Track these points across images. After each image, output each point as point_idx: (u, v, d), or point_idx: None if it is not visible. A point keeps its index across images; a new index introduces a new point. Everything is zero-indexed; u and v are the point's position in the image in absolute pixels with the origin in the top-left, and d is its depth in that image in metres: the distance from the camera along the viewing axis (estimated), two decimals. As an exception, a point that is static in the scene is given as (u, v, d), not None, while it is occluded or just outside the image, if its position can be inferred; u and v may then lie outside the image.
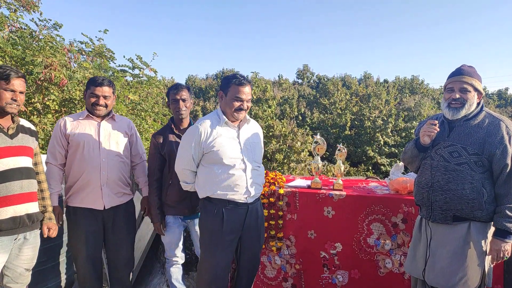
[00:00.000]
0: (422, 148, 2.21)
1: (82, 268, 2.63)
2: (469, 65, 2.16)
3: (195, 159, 2.31)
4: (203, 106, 25.94)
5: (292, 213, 2.91)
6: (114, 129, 2.67)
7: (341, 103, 27.68)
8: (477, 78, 2.09)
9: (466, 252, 2.02)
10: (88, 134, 2.58)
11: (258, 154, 2.44)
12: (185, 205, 2.66)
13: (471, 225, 2.03)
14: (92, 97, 2.57)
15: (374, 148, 24.52)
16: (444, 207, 2.07)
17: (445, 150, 2.09)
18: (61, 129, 2.57)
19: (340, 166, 2.98)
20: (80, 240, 2.59)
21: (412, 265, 2.25)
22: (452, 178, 2.04)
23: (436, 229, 2.13)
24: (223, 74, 41.39)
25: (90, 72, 5.16)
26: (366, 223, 2.73)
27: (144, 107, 6.20)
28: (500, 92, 46.46)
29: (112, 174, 2.60)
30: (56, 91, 4.87)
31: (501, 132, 1.99)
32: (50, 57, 4.72)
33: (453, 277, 2.03)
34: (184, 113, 2.70)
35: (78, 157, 2.55)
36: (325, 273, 2.86)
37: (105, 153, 2.58)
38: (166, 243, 2.74)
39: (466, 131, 2.06)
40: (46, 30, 5.43)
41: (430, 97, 32.68)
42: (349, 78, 34.36)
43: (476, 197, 2.00)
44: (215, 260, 2.32)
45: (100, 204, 2.58)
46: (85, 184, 2.55)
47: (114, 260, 2.73)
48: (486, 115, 2.08)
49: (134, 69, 6.34)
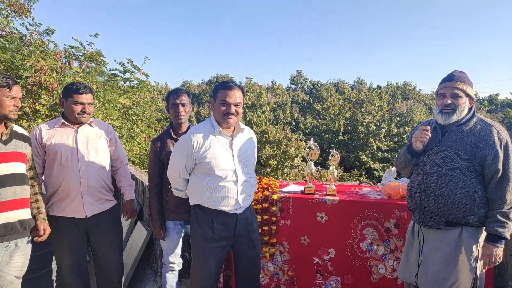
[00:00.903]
0: (415, 154, 2.21)
1: (67, 277, 2.60)
2: (461, 71, 2.16)
3: (188, 168, 2.28)
4: (197, 112, 25.90)
5: (285, 218, 2.88)
6: (92, 135, 2.64)
7: (334, 109, 27.84)
8: (468, 83, 2.11)
9: (458, 257, 2.02)
10: (65, 142, 2.53)
11: (251, 165, 2.41)
12: (184, 209, 2.64)
13: (463, 230, 2.03)
14: (76, 105, 2.53)
15: (367, 153, 24.65)
16: (436, 212, 2.07)
17: (438, 156, 2.10)
18: (37, 138, 2.52)
19: (333, 171, 2.97)
20: (64, 249, 2.55)
21: (405, 271, 2.25)
22: (445, 183, 2.05)
23: (428, 234, 2.13)
24: (217, 79, 41.43)
25: (81, 76, 5.11)
26: (359, 228, 2.72)
27: (136, 111, 6.16)
28: (491, 98, 47.15)
29: (92, 181, 2.57)
30: (46, 96, 4.82)
31: (493, 137, 2.00)
32: (40, 61, 4.67)
33: (445, 282, 2.03)
34: (183, 118, 2.69)
35: (57, 166, 2.51)
36: (318, 280, 2.84)
37: (83, 160, 2.55)
38: (165, 248, 2.73)
39: (458, 136, 2.07)
40: (37, 35, 5.38)
41: (422, 102, 33.04)
42: (342, 84, 34.61)
43: (468, 202, 2.00)
44: (205, 266, 2.29)
45: (81, 213, 2.55)
46: (65, 193, 2.51)
47: (102, 267, 2.69)
48: (478, 121, 2.09)
49: (126, 73, 6.31)
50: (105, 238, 2.65)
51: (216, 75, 42.01)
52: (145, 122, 6.46)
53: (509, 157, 1.99)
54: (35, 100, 4.84)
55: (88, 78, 5.43)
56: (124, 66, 6.24)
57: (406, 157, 2.25)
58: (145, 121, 6.45)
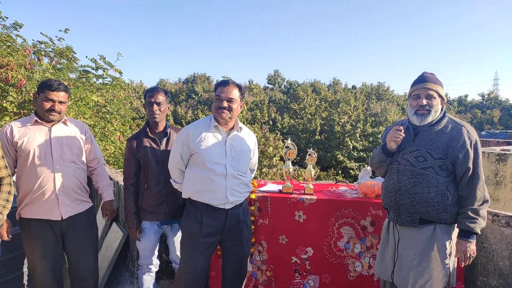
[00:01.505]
0: (389, 153, 2.26)
1: (40, 281, 2.48)
2: (430, 72, 2.22)
3: (184, 158, 2.35)
4: (174, 111, 25.54)
5: (264, 218, 2.88)
6: (66, 134, 2.53)
7: (311, 108, 28.19)
8: (439, 84, 2.16)
9: (431, 254, 2.08)
10: (39, 141, 2.41)
11: (244, 163, 2.43)
12: (161, 209, 2.61)
13: (437, 227, 2.09)
14: (46, 101, 2.42)
15: (343, 153, 25.12)
16: (411, 210, 2.12)
17: (411, 155, 2.15)
18: (7, 136, 2.38)
19: (310, 171, 2.99)
20: (38, 253, 2.43)
21: (381, 268, 2.30)
22: (418, 182, 2.10)
23: (403, 232, 2.18)
24: (194, 78, 41.04)
25: (51, 73, 4.91)
26: (336, 227, 2.75)
27: (110, 109, 5.99)
28: (460, 99, 49.11)
29: (67, 181, 2.47)
30: (14, 93, 4.60)
31: (463, 137, 2.06)
32: (6, 56, 4.45)
33: (420, 279, 2.08)
34: (158, 117, 2.64)
35: (29, 166, 2.39)
36: (296, 279, 2.85)
37: (58, 160, 2.44)
38: (141, 250, 2.67)
39: (431, 136, 2.13)
40: (3, 29, 5.13)
41: (395, 103, 34.00)
42: (319, 84, 35.09)
43: (441, 200, 2.06)
44: (192, 262, 2.32)
45: (57, 215, 2.44)
46: (39, 194, 2.40)
47: (77, 271, 2.59)
48: (449, 121, 2.16)
49: (98, 70, 6.11)
50: (80, 241, 2.55)
51: (193, 73, 41.59)
52: (119, 121, 6.28)
53: (478, 156, 2.07)
54: (2, 97, 4.61)
55: (59, 75, 5.22)
56: (96, 62, 6.03)
57: (380, 156, 2.30)
58: (120, 119, 6.28)
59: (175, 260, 2.77)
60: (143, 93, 2.78)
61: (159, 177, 2.56)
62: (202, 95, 32.66)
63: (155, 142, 2.62)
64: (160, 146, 2.62)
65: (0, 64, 4.35)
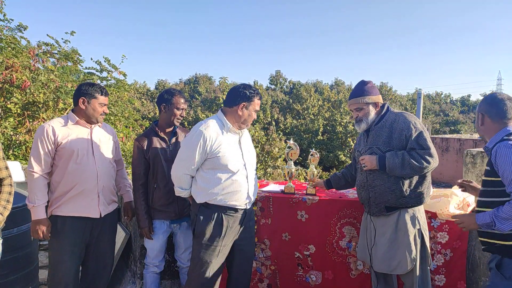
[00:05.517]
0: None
1: (64, 278, 2.45)
2: (362, 82, 2.49)
3: (198, 164, 2.29)
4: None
5: (266, 217, 2.90)
6: (103, 136, 2.61)
7: (314, 109, 28.16)
8: (367, 94, 2.43)
9: (399, 238, 2.33)
10: (81, 141, 2.47)
11: (254, 161, 2.51)
12: (172, 208, 2.64)
13: (401, 212, 2.36)
14: (102, 106, 2.53)
15: (345, 153, 25.06)
16: (376, 201, 2.40)
17: (367, 153, 2.45)
18: (49, 136, 2.40)
19: (313, 171, 3.01)
20: (65, 251, 2.43)
21: (363, 254, 2.55)
22: (376, 175, 2.40)
23: (376, 221, 2.45)
24: (196, 79, 41.09)
25: (56, 75, 4.95)
26: (338, 226, 2.76)
27: (114, 111, 6.02)
28: (463, 99, 48.89)
29: (106, 181, 2.53)
30: (18, 94, 4.64)
31: (401, 123, 2.34)
32: (11, 58, 4.49)
33: (392, 262, 2.34)
34: (179, 121, 2.74)
35: (72, 165, 2.41)
36: (299, 271, 2.88)
37: (99, 160, 2.51)
38: (149, 249, 2.70)
39: (377, 133, 2.43)
40: (8, 31, 5.17)
41: (398, 103, 33.90)
42: (321, 84, 35.08)
43: (397, 187, 2.33)
44: (209, 265, 2.31)
45: (96, 212, 2.48)
46: (80, 193, 2.42)
47: (94, 269, 2.60)
48: (390, 115, 2.43)
49: (102, 72, 6.15)
50: (103, 241, 2.58)
51: (195, 74, 41.67)
52: (123, 123, 6.31)
53: (420, 134, 2.30)
54: (6, 98, 4.65)
55: (64, 77, 5.27)
56: (101, 64, 6.08)
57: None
58: (124, 121, 6.31)
59: (180, 258, 2.79)
60: (161, 92, 2.79)
61: (169, 176, 2.57)
62: (205, 96, 32.70)
63: (164, 141, 2.66)
64: (170, 145, 2.67)
65: (5, 65, 4.39)
